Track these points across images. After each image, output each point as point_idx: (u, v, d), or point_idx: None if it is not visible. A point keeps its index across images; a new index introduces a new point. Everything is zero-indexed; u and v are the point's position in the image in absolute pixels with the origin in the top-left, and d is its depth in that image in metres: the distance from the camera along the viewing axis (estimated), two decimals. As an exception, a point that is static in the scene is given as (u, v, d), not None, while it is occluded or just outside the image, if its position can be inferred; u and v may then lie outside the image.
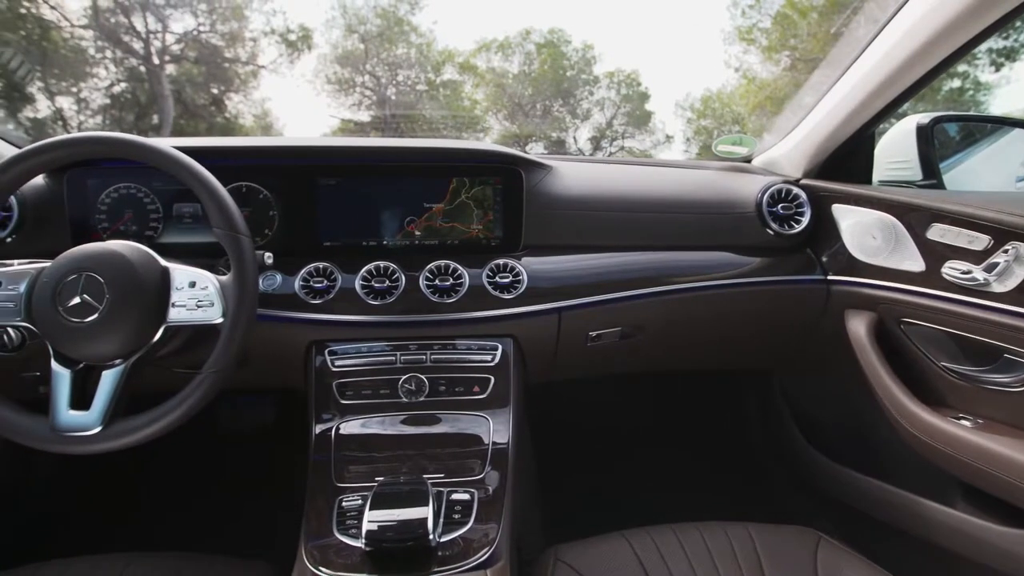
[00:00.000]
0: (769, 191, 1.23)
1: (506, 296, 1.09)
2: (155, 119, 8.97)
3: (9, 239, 1.04)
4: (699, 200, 1.25)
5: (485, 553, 0.84)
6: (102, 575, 0.84)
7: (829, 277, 1.21)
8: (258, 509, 1.49)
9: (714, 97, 10.75)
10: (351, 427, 1.04)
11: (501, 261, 1.11)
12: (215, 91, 9.65)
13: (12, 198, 1.02)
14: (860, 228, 1.17)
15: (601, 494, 1.61)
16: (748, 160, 1.45)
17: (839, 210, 1.21)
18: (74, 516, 1.54)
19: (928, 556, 1.10)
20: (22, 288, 0.82)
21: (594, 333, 1.17)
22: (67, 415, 0.80)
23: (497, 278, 1.10)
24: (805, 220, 1.22)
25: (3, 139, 1.18)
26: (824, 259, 1.23)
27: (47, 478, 1.55)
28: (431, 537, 0.81)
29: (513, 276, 1.10)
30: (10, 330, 0.99)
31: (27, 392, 1.02)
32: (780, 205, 1.22)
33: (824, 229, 1.23)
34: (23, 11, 7.60)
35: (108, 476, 1.60)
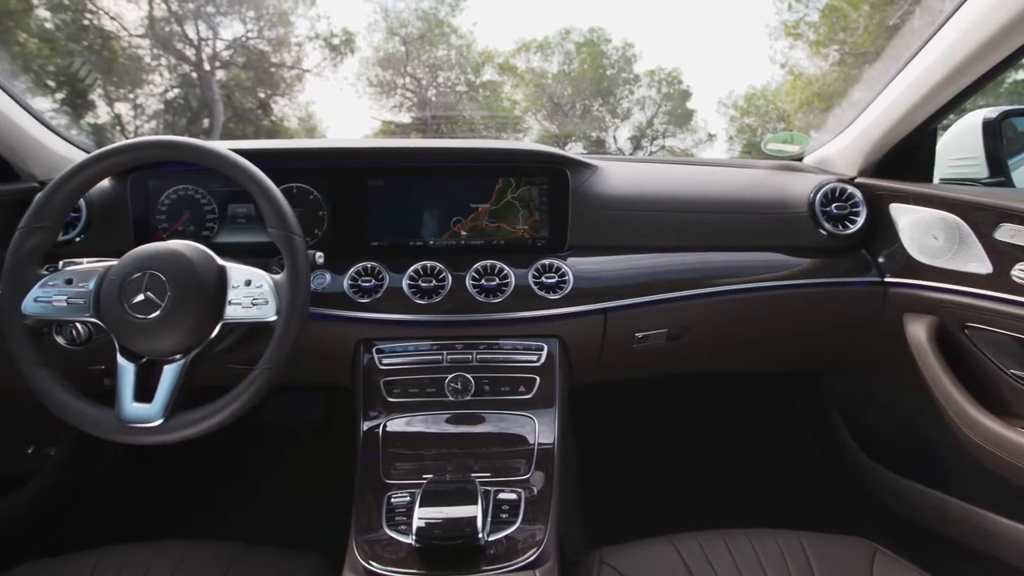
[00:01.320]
0: (822, 190, 1.19)
1: (552, 296, 1.09)
2: (206, 123, 9.29)
3: (78, 239, 1.09)
4: (749, 200, 1.22)
5: (533, 554, 0.84)
6: (162, 562, 0.88)
7: (886, 279, 1.17)
8: (304, 502, 1.53)
9: (758, 94, 10.49)
10: (398, 425, 1.05)
11: (547, 261, 1.11)
12: (262, 95, 9.94)
13: (81, 200, 1.07)
14: (920, 228, 1.12)
15: (644, 497, 1.59)
16: (799, 158, 1.41)
17: (897, 209, 1.16)
18: (126, 505, 1.60)
19: (993, 572, 1.05)
20: (91, 285, 0.86)
21: (640, 334, 1.16)
22: (132, 407, 0.83)
23: (543, 278, 1.10)
24: (860, 220, 1.18)
25: (71, 144, 1.24)
26: (881, 260, 1.19)
27: (110, 468, 1.62)
28: (480, 536, 0.82)
29: (559, 276, 1.10)
30: (79, 325, 1.04)
31: (93, 385, 1.06)
32: (834, 204, 1.18)
33: (881, 229, 1.19)
34: (86, 23, 8.00)
35: (162, 467, 1.66)
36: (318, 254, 0.96)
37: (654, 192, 1.20)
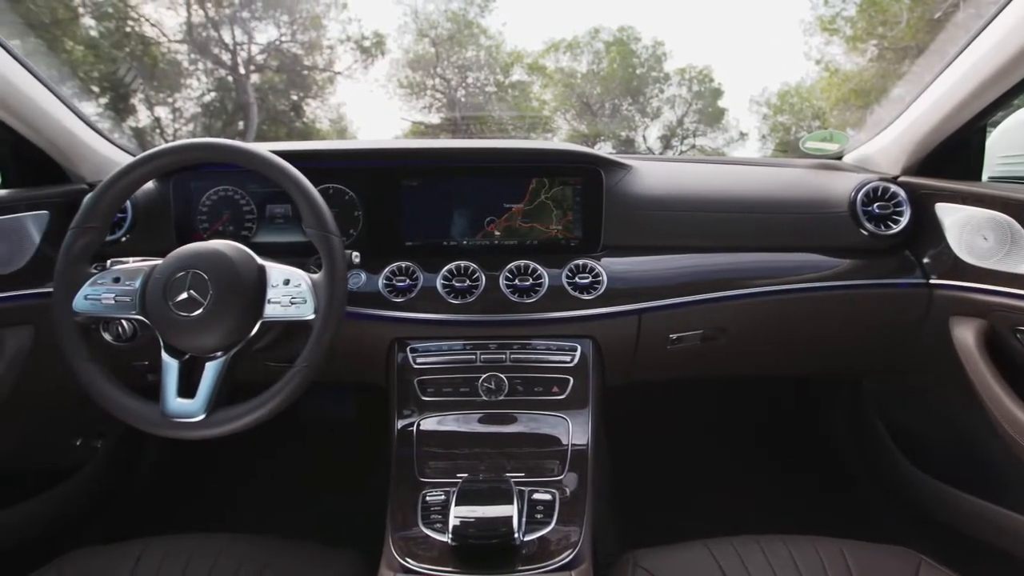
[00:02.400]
0: (864, 189, 1.16)
1: (585, 297, 1.08)
2: (240, 125, 9.49)
3: (124, 238, 1.13)
4: (786, 199, 1.20)
5: (568, 555, 0.84)
6: (203, 553, 0.90)
7: (931, 280, 1.13)
8: (337, 498, 1.55)
9: (792, 92, 10.26)
10: (432, 424, 1.06)
11: (580, 261, 1.11)
12: (295, 97, 10.11)
13: (127, 201, 1.10)
14: (969, 228, 1.08)
15: (677, 500, 1.57)
16: (839, 157, 1.38)
17: (943, 209, 1.12)
18: (166, 498, 1.65)
19: None
20: (137, 284, 0.88)
21: (675, 336, 1.15)
22: (175, 402, 0.86)
23: (576, 279, 1.09)
24: (904, 220, 1.14)
25: (116, 146, 1.28)
26: (925, 261, 1.15)
27: (152, 462, 1.67)
28: (516, 536, 0.82)
29: (593, 277, 1.09)
30: (124, 322, 1.07)
31: (137, 380, 1.09)
32: (876, 204, 1.15)
33: (926, 229, 1.15)
34: (128, 30, 8.26)
35: (199, 461, 1.70)
36: (354, 254, 0.98)
37: (689, 192, 1.19)
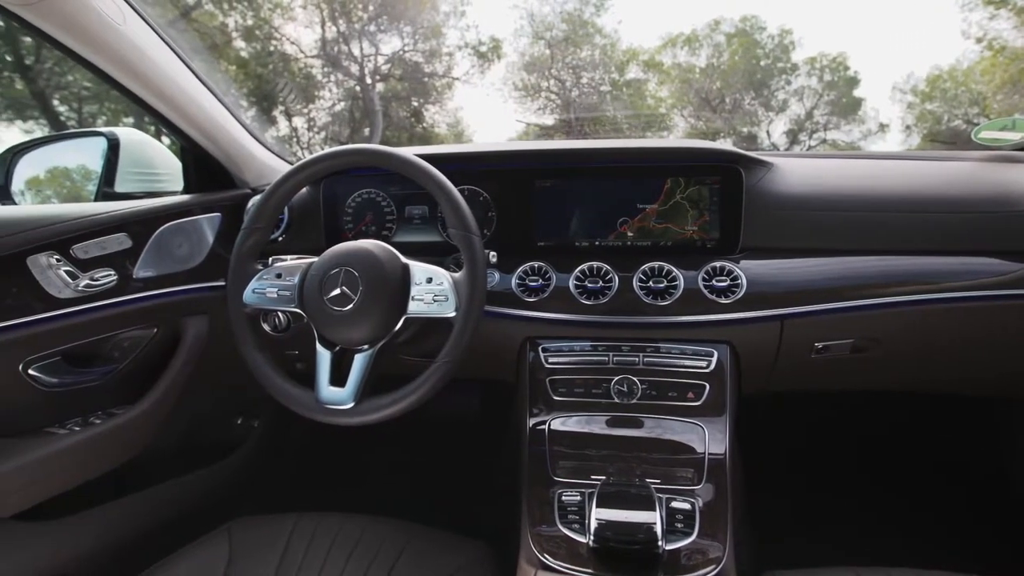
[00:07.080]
0: None
1: (723, 301, 1.03)
2: (366, 132, 10.13)
3: (281, 238, 1.23)
4: (955, 196, 1.07)
5: (712, 570, 0.81)
6: (348, 531, 0.96)
7: None
8: (461, 489, 1.59)
9: (944, 75, 9.19)
10: (563, 423, 1.06)
11: (718, 264, 1.06)
12: (415, 104, 10.64)
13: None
14: None
15: (820, 520, 1.45)
16: (1022, 148, 1.21)
17: None
18: (308, 477, 1.78)
19: None
20: (295, 279, 0.96)
21: (820, 344, 1.06)
22: (328, 390, 0.92)
23: (714, 281, 1.05)
24: None
25: (274, 154, 1.41)
26: None
27: (296, 444, 1.82)
28: (659, 544, 0.80)
29: (731, 280, 1.04)
30: (280, 314, 1.18)
31: (287, 368, 1.19)
32: None
33: None
34: (271, 49, 9.13)
35: (338, 446, 1.83)
36: (491, 253, 1.00)
37: (838, 190, 1.10)
